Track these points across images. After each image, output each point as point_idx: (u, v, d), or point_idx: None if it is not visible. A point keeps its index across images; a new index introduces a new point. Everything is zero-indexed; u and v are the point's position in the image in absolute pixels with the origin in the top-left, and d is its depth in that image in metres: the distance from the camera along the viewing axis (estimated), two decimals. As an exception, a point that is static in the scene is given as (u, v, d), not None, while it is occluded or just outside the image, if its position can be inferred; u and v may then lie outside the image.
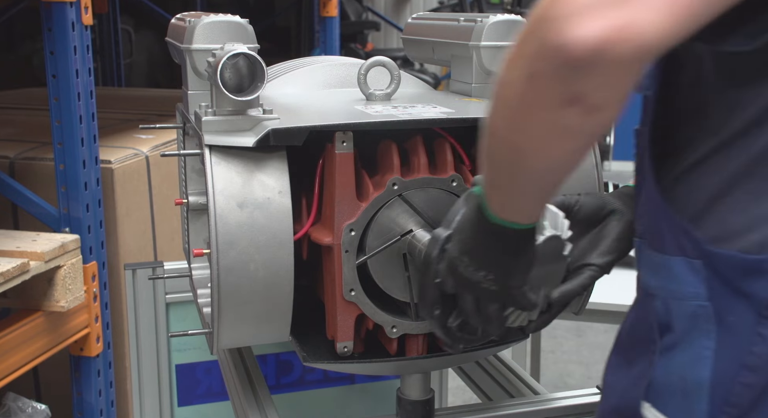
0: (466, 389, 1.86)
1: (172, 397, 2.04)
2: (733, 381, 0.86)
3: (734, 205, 0.87)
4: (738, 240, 0.86)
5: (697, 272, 0.88)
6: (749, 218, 0.86)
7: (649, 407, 0.94)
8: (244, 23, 1.36)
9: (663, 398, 0.93)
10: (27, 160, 2.24)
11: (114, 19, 4.16)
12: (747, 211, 0.86)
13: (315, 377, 2.13)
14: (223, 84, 1.19)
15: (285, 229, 1.19)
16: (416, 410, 1.38)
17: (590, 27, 0.66)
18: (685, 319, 0.90)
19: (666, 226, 0.92)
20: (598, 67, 0.67)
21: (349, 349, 1.26)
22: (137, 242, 2.34)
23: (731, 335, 0.87)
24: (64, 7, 1.94)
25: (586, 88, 0.69)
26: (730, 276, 0.86)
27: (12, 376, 1.86)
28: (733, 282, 0.86)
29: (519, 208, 0.89)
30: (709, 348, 0.88)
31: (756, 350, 0.85)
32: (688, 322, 0.90)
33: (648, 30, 0.67)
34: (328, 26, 4.21)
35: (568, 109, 0.71)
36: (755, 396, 0.86)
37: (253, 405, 1.45)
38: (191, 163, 1.58)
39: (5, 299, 1.94)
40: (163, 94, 3.65)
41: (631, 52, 0.67)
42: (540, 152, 0.79)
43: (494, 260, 0.96)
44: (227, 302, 1.19)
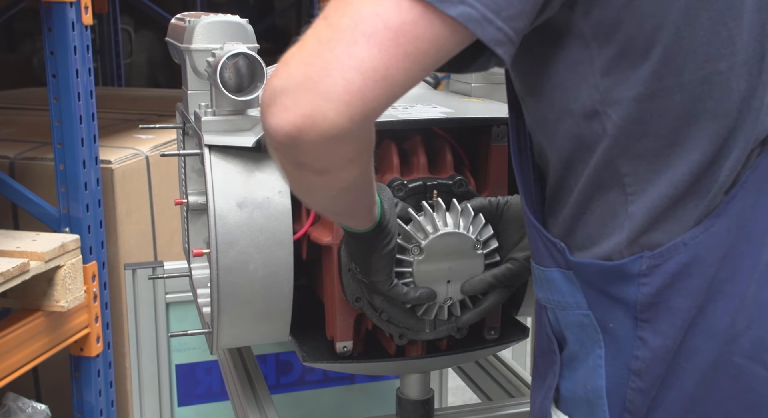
0: (466, 389, 1.86)
1: (172, 397, 2.04)
2: (625, 387, 0.87)
3: (590, 218, 0.89)
4: (596, 248, 0.88)
5: (572, 282, 0.90)
6: (605, 229, 0.87)
7: (556, 410, 0.96)
8: (244, 23, 1.36)
9: (572, 409, 0.95)
10: (27, 160, 2.24)
11: (114, 19, 4.16)
12: (601, 222, 0.87)
13: (315, 377, 2.13)
14: (223, 84, 1.19)
15: (284, 229, 1.19)
16: (416, 410, 1.38)
17: (282, 117, 0.72)
18: (575, 329, 0.92)
19: (539, 239, 0.94)
20: (300, 147, 0.73)
21: (348, 349, 1.26)
22: (137, 242, 2.34)
23: (615, 342, 0.88)
24: (64, 7, 1.94)
25: (304, 158, 0.76)
26: (599, 284, 0.88)
27: (12, 376, 1.86)
28: (604, 289, 0.87)
29: (323, 212, 1.02)
30: (600, 356, 0.89)
31: (639, 354, 0.86)
32: (578, 332, 0.92)
33: (336, 119, 0.72)
34: (328, 26, 4.21)
35: (302, 171, 0.78)
36: (648, 401, 0.86)
37: (253, 405, 1.45)
38: (191, 163, 1.58)
39: (5, 299, 1.94)
40: (163, 94, 3.65)
41: (318, 137, 0.72)
42: (309, 200, 0.93)
43: (356, 256, 1.12)
44: (227, 302, 1.19)
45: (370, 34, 0.71)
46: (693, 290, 0.84)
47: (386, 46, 0.72)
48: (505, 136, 1.26)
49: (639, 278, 0.84)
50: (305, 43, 0.73)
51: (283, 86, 0.72)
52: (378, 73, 0.72)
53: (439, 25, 0.73)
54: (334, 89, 0.71)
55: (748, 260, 0.84)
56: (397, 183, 1.21)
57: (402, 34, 0.72)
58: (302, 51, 0.73)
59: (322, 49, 0.72)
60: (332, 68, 0.71)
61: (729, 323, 0.84)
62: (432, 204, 1.20)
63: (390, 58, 0.72)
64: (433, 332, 1.25)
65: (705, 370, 0.84)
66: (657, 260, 0.84)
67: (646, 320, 0.85)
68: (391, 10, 0.72)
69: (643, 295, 0.84)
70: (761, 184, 0.84)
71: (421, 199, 1.22)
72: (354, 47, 0.71)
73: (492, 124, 1.26)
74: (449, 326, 1.25)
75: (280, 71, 0.73)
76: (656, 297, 0.84)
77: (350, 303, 1.22)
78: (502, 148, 1.26)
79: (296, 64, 0.72)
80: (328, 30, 0.72)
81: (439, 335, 1.26)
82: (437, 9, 0.72)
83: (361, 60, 0.71)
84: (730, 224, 0.84)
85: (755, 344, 0.84)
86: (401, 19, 0.72)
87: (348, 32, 0.72)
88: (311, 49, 0.72)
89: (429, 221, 1.18)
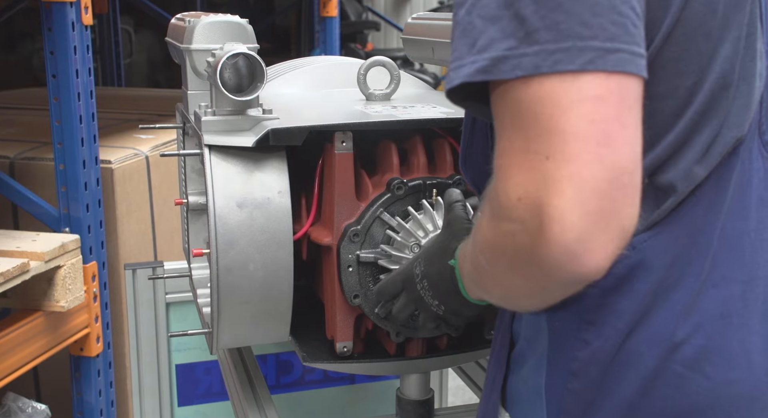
0: (466, 389, 1.86)
1: (172, 397, 2.04)
2: (563, 388, 0.87)
3: None
4: None
5: None
6: None
7: (503, 412, 0.96)
8: (244, 23, 1.36)
9: (514, 406, 0.95)
10: (27, 160, 2.24)
11: (114, 19, 4.15)
12: None
13: (315, 377, 2.13)
14: (223, 84, 1.19)
15: (284, 229, 1.19)
16: (416, 410, 1.38)
17: (597, 258, 0.72)
18: (529, 325, 0.92)
19: None
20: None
21: (348, 349, 1.26)
22: (137, 242, 2.34)
23: (559, 341, 0.88)
24: (64, 7, 1.94)
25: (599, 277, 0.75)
26: None
27: (12, 376, 1.86)
28: None
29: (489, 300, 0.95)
30: (543, 355, 0.90)
31: (579, 356, 0.86)
32: (530, 329, 0.92)
33: (633, 219, 0.73)
34: (328, 26, 4.21)
35: (577, 287, 0.78)
36: (584, 404, 0.86)
37: (252, 405, 1.45)
38: (191, 163, 1.58)
39: (5, 299, 1.94)
40: (163, 94, 3.65)
41: (626, 243, 0.74)
42: (537, 307, 0.86)
43: (450, 303, 1.06)
44: (227, 302, 1.19)
45: (605, 141, 0.70)
46: (638, 294, 0.83)
47: (623, 136, 0.71)
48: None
49: None
50: (555, 190, 0.70)
51: (577, 237, 0.70)
52: (634, 160, 0.72)
53: (631, 84, 0.73)
54: (618, 204, 0.71)
55: (695, 269, 0.84)
56: (396, 182, 1.21)
57: (622, 115, 0.72)
58: (563, 197, 0.70)
59: (581, 184, 0.70)
60: (605, 191, 0.70)
61: (672, 330, 0.83)
62: (431, 203, 1.20)
63: (631, 141, 0.72)
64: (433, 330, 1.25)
65: (646, 377, 0.84)
66: None
67: (591, 321, 0.85)
68: (597, 107, 0.71)
69: (589, 296, 0.84)
70: (713, 195, 0.84)
71: (420, 198, 1.22)
72: (605, 161, 0.70)
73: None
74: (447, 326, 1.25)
75: (555, 228, 0.70)
76: (602, 299, 0.84)
77: (348, 300, 1.22)
78: (502, 149, 1.26)
79: (570, 212, 0.70)
80: (567, 164, 0.70)
81: (436, 333, 1.26)
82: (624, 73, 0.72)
83: (619, 164, 0.71)
84: (679, 232, 0.84)
85: (697, 353, 0.84)
86: (611, 105, 0.71)
87: (587, 153, 0.70)
88: (571, 192, 0.70)
89: (428, 219, 1.18)
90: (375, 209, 1.22)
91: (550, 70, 0.71)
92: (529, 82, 0.72)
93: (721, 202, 0.85)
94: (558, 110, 0.71)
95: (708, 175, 0.84)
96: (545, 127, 0.71)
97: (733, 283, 0.85)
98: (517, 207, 0.72)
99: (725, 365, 0.84)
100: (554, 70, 0.71)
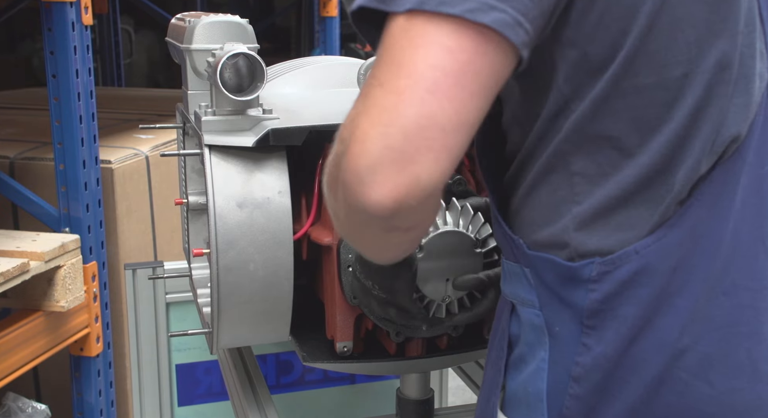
0: (466, 389, 1.86)
1: (172, 397, 2.04)
2: (564, 393, 0.86)
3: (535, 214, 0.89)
4: (558, 248, 0.87)
5: (528, 279, 0.90)
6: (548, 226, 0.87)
7: (502, 416, 0.96)
8: (244, 23, 1.36)
9: (513, 410, 0.95)
10: (27, 160, 2.24)
11: (114, 19, 4.15)
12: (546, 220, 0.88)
13: (315, 377, 2.13)
14: (223, 84, 1.19)
15: (284, 229, 1.19)
16: (416, 409, 1.38)
17: (380, 194, 0.72)
18: (529, 327, 0.92)
19: (501, 233, 0.94)
20: (398, 214, 0.73)
21: (348, 349, 1.26)
22: (137, 242, 2.34)
23: (560, 346, 0.87)
24: (64, 7, 1.94)
25: (398, 223, 0.76)
26: (550, 282, 0.87)
27: (12, 376, 1.86)
28: (555, 290, 0.87)
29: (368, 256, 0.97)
30: (544, 360, 0.89)
31: (580, 361, 0.85)
32: (529, 332, 0.91)
33: (431, 178, 0.72)
34: (328, 26, 4.21)
35: (390, 234, 0.78)
36: (586, 409, 0.85)
37: (253, 405, 1.45)
38: (191, 163, 1.58)
39: (5, 299, 1.94)
40: (163, 94, 3.65)
41: (416, 202, 0.73)
42: (377, 256, 0.90)
43: (376, 278, 1.11)
44: (227, 302, 1.19)
45: (433, 88, 0.71)
46: (641, 300, 0.83)
47: (453, 93, 0.72)
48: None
49: (588, 283, 0.84)
50: (370, 115, 0.72)
51: (368, 164, 0.71)
52: (454, 122, 0.72)
53: (492, 52, 0.73)
54: (420, 153, 0.71)
55: (700, 274, 0.83)
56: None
57: (462, 76, 0.72)
58: (372, 123, 0.72)
59: (393, 117, 0.71)
60: (411, 133, 0.71)
61: (677, 337, 0.83)
62: None
63: (460, 104, 0.72)
64: (429, 329, 1.25)
65: (649, 383, 0.83)
66: (608, 266, 0.83)
67: (592, 326, 0.84)
68: (443, 57, 0.72)
69: (591, 301, 0.84)
70: (716, 198, 0.84)
71: (420, 199, 1.22)
72: (424, 106, 0.71)
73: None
74: (445, 324, 1.25)
75: (354, 150, 0.72)
76: (604, 304, 0.84)
77: (348, 300, 1.22)
78: (502, 148, 1.26)
79: (372, 139, 0.71)
80: (391, 96, 0.72)
81: (436, 332, 1.26)
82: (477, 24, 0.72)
83: (436, 116, 0.71)
84: (683, 236, 0.83)
85: (702, 361, 0.83)
86: (456, 62, 0.72)
87: (411, 92, 0.71)
88: (381, 120, 0.72)
89: None
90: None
91: (431, 9, 0.72)
92: (408, 16, 0.73)
93: (728, 206, 0.84)
94: (410, 46, 0.72)
95: (711, 177, 0.83)
96: (391, 57, 0.73)
97: (744, 291, 0.84)
98: (346, 127, 0.74)
99: (730, 374, 0.84)
100: (434, 10, 0.72)
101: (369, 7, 0.77)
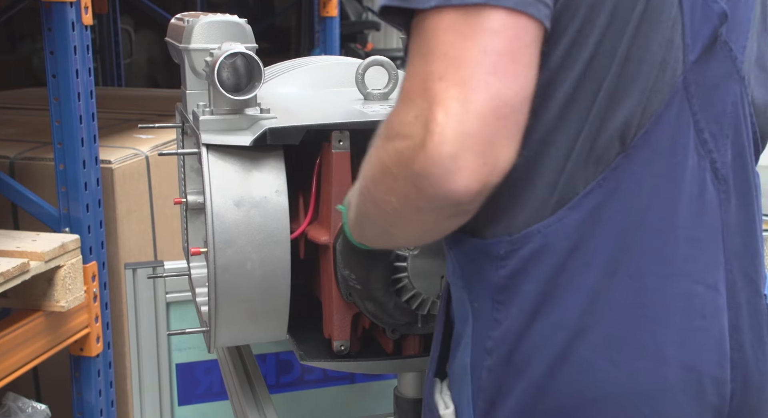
0: (465, 388, 1.86)
1: (172, 397, 2.05)
2: (480, 366, 0.90)
3: None
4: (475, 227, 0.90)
5: (455, 258, 0.94)
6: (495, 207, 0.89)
7: (438, 384, 1.01)
8: (242, 23, 1.37)
9: (453, 385, 0.99)
10: (27, 160, 2.24)
11: (114, 19, 4.15)
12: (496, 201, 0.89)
13: (314, 377, 2.13)
14: (221, 83, 1.19)
15: (282, 228, 1.19)
16: (413, 408, 1.38)
17: (467, 180, 0.76)
18: (459, 306, 0.96)
19: None
20: (480, 197, 0.79)
21: (345, 347, 1.27)
22: (137, 242, 2.34)
23: (479, 321, 0.91)
24: (64, 7, 1.94)
25: (473, 206, 0.80)
26: (471, 261, 0.91)
27: (12, 376, 1.87)
28: (474, 267, 0.91)
29: (368, 243, 1.01)
30: (469, 335, 0.93)
31: (492, 334, 0.89)
32: (461, 309, 0.96)
33: (510, 155, 0.78)
34: (328, 26, 4.21)
35: (451, 220, 0.83)
36: (497, 382, 0.89)
37: (252, 405, 1.46)
38: (190, 162, 1.58)
39: (5, 299, 1.95)
40: (163, 94, 3.65)
41: (501, 177, 0.79)
42: (410, 240, 0.96)
43: (354, 265, 1.14)
44: (224, 301, 1.19)
45: (494, 70, 0.76)
46: (540, 277, 0.86)
47: (512, 70, 0.76)
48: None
49: (499, 260, 0.88)
50: (442, 107, 0.75)
51: (451, 152, 0.75)
52: (520, 97, 0.77)
53: (526, 25, 0.77)
54: (497, 134, 0.76)
55: (600, 257, 0.86)
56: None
57: (515, 53, 0.77)
58: (447, 114, 0.75)
59: (465, 105, 0.75)
60: (486, 116, 0.75)
61: (578, 315, 0.86)
62: None
63: (522, 78, 0.77)
64: (425, 326, 1.25)
65: (553, 359, 0.86)
66: (514, 244, 0.87)
67: (501, 301, 0.88)
68: (492, 40, 0.76)
69: (500, 276, 0.88)
70: (618, 184, 0.86)
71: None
72: (490, 89, 0.76)
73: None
74: None
75: (434, 141, 0.75)
76: (510, 280, 0.88)
77: (344, 297, 1.23)
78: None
79: (450, 129, 0.75)
80: (456, 87, 0.76)
81: (431, 329, 1.26)
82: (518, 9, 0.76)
83: (504, 95, 0.76)
84: (583, 218, 0.86)
85: (605, 340, 0.86)
86: (504, 40, 0.76)
87: (475, 80, 0.75)
88: (454, 110, 0.75)
89: None
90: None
91: (458, 3, 0.76)
92: (439, 12, 0.77)
93: (634, 193, 0.86)
94: (459, 39, 0.76)
95: (613, 165, 0.86)
96: (443, 52, 0.77)
97: (651, 276, 0.87)
98: (413, 124, 0.77)
99: (634, 355, 0.86)
100: (462, 3, 0.76)
101: (392, 6, 0.81)
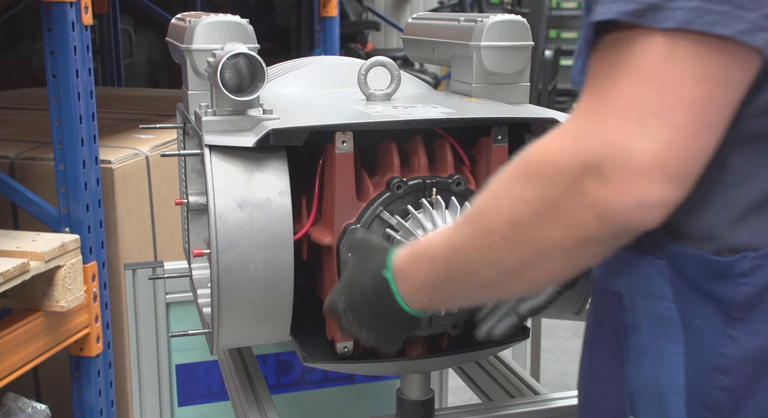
0: (466, 389, 1.86)
1: (172, 397, 2.04)
2: (708, 385, 0.86)
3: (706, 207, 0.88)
4: (704, 242, 0.86)
5: (662, 273, 0.89)
6: (702, 220, 0.86)
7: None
8: (244, 23, 1.36)
9: (639, 406, 0.93)
10: (27, 160, 2.24)
11: (114, 19, 4.15)
12: (698, 213, 0.87)
13: (315, 377, 2.13)
14: (223, 84, 1.19)
15: (285, 229, 1.19)
16: (416, 410, 1.37)
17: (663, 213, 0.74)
18: (653, 320, 0.91)
19: None
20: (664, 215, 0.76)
21: (349, 349, 1.26)
22: (137, 242, 2.34)
23: (699, 339, 0.87)
24: (64, 7, 1.94)
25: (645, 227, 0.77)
26: (694, 277, 0.87)
27: (12, 376, 1.86)
28: (698, 283, 0.86)
29: (439, 306, 0.94)
30: (679, 353, 0.88)
31: (727, 353, 0.85)
32: (656, 324, 0.91)
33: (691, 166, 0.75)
34: (328, 26, 4.21)
35: (612, 248, 0.79)
36: (734, 400, 0.85)
37: (253, 405, 1.45)
38: (191, 163, 1.58)
39: (5, 299, 1.94)
40: (163, 94, 3.65)
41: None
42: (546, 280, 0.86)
43: (380, 328, 1.04)
44: (227, 302, 1.19)
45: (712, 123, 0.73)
46: None
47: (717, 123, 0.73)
48: (505, 136, 1.26)
49: (739, 277, 0.84)
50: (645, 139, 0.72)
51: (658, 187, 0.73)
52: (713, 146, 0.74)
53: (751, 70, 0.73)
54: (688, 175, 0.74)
55: None
56: (396, 181, 1.21)
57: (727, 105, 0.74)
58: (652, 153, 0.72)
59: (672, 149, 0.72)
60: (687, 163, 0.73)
61: None
62: (431, 202, 1.20)
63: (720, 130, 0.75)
64: (429, 328, 1.25)
65: None
66: (761, 260, 0.83)
67: (739, 319, 0.84)
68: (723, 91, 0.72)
69: (743, 294, 0.84)
70: None
71: (420, 197, 1.22)
72: (701, 142, 0.73)
73: (492, 125, 1.26)
74: (445, 323, 1.25)
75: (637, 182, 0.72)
76: (756, 297, 0.84)
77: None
78: (502, 149, 1.26)
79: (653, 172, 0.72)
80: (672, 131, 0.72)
81: (436, 331, 1.26)
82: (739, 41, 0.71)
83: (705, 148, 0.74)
84: None
85: None
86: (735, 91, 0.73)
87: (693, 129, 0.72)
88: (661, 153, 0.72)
89: (428, 218, 1.18)
90: (375, 207, 1.22)
91: (701, 29, 0.70)
92: (671, 35, 0.71)
93: None
94: (691, 80, 0.71)
95: None
96: (664, 83, 0.71)
97: None
98: (601, 152, 0.72)
99: None
100: (706, 30, 0.70)
101: (623, 20, 0.74)
